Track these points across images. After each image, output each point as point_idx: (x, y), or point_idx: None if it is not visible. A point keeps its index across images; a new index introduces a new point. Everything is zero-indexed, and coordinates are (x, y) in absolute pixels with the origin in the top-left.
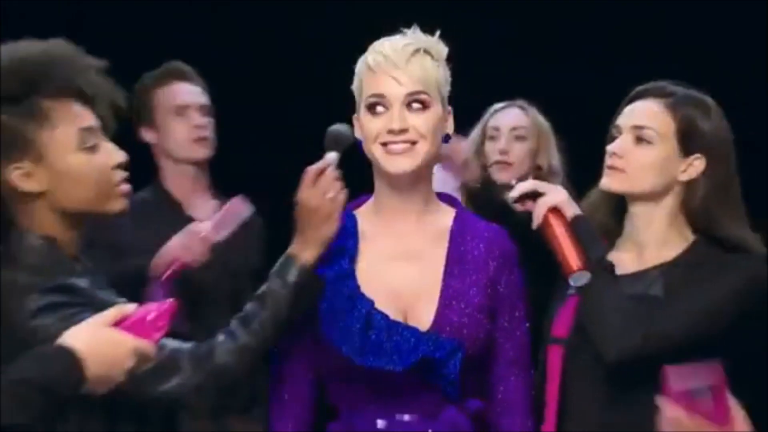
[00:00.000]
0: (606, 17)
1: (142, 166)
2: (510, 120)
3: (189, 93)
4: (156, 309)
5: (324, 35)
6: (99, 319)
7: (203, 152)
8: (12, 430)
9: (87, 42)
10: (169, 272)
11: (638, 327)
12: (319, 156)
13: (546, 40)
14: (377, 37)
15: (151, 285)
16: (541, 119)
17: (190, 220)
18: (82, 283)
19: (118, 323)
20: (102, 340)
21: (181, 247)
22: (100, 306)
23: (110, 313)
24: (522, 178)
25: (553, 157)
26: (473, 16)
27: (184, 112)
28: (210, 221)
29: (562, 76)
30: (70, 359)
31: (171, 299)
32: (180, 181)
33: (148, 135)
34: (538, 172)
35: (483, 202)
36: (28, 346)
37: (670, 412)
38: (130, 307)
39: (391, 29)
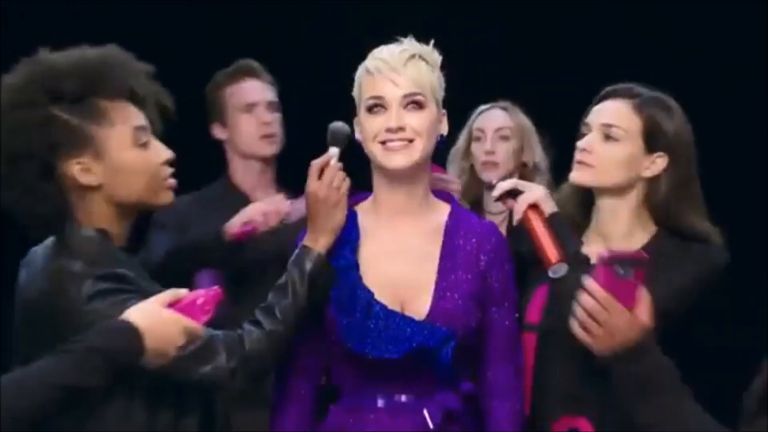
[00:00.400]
0: (590, 24)
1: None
2: (494, 121)
3: (257, 90)
4: (204, 295)
5: (325, 40)
6: (156, 300)
7: (270, 149)
8: (79, 392)
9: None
10: (241, 231)
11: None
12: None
13: (534, 45)
14: (376, 43)
15: (200, 271)
16: (524, 119)
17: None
18: (129, 272)
19: (172, 305)
20: (159, 319)
21: (260, 212)
22: (144, 293)
23: (166, 295)
24: (507, 177)
25: (537, 155)
26: (462, 25)
27: (252, 109)
28: (291, 201)
29: (548, 80)
30: (133, 333)
31: (217, 287)
32: (247, 176)
33: (218, 132)
34: (523, 170)
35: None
36: (82, 328)
37: (591, 284)
38: (182, 292)
39: (389, 34)
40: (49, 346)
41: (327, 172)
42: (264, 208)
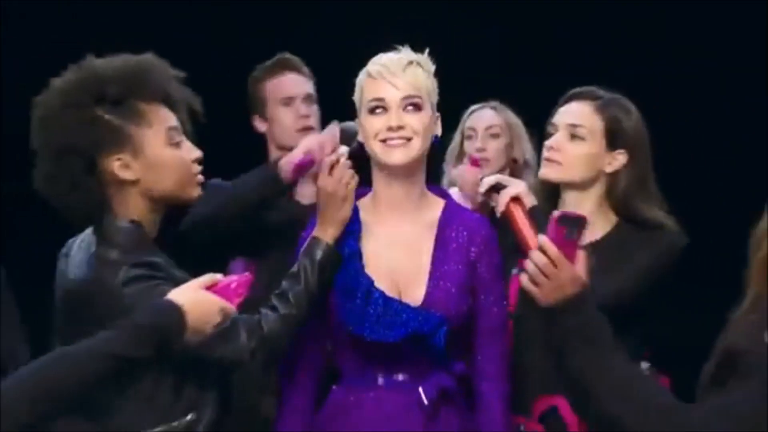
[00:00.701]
0: (584, 27)
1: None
2: (484, 120)
3: (296, 84)
4: (237, 279)
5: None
6: (196, 284)
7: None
8: (128, 363)
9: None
10: (301, 162)
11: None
12: None
13: (529, 47)
14: (376, 44)
15: (232, 261)
16: (513, 117)
17: (294, 203)
18: (160, 260)
19: (209, 288)
20: (199, 299)
21: (317, 142)
22: (174, 279)
23: (204, 279)
24: (498, 173)
25: (527, 151)
26: (459, 27)
27: (290, 102)
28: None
29: (542, 80)
30: (177, 311)
31: (248, 273)
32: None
33: (259, 124)
34: (513, 166)
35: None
36: (118, 311)
37: (545, 241)
38: (217, 276)
39: (389, 36)
40: (88, 327)
41: (336, 169)
42: (320, 138)
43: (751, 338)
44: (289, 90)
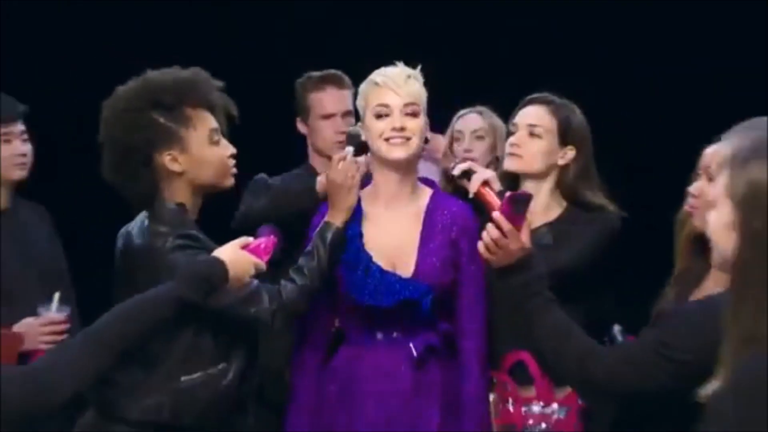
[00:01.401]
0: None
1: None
2: (470, 124)
3: (336, 102)
4: (265, 241)
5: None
6: (234, 244)
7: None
8: (186, 305)
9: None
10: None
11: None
12: None
13: (502, 60)
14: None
15: (261, 228)
16: (497, 120)
17: None
18: (199, 234)
19: (244, 247)
20: (237, 256)
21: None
22: (209, 249)
23: (240, 240)
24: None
25: None
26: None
27: (330, 117)
28: None
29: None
30: (221, 265)
31: (273, 236)
32: (323, 168)
33: (301, 127)
34: (497, 163)
35: (456, 185)
36: (165, 270)
37: (499, 217)
38: (249, 239)
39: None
40: (142, 286)
41: (344, 165)
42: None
43: (674, 304)
44: (330, 107)
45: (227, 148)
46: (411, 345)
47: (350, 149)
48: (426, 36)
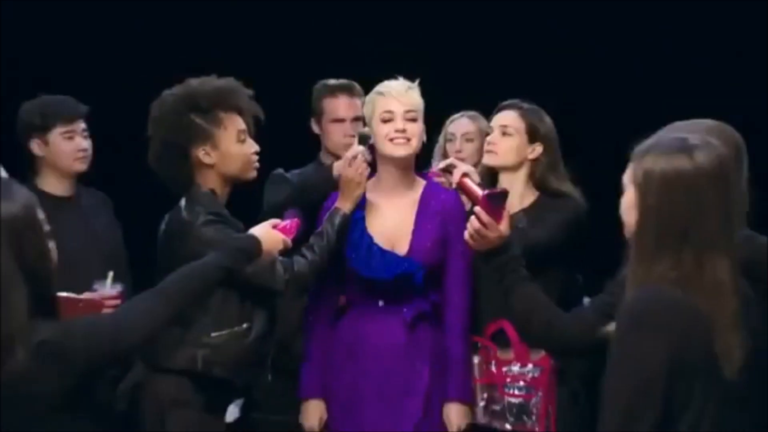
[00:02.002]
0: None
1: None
2: (461, 127)
3: (347, 108)
4: (290, 222)
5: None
6: (266, 224)
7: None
8: (230, 272)
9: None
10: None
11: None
12: None
13: (490, 68)
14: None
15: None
16: (485, 123)
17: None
18: (226, 214)
19: (274, 227)
20: (269, 234)
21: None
22: (235, 226)
23: (270, 222)
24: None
25: None
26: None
27: (341, 122)
28: None
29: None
30: (256, 240)
31: (297, 218)
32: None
33: (315, 127)
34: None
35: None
36: (198, 244)
37: (479, 211)
38: (277, 220)
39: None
40: (178, 255)
41: (354, 162)
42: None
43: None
44: (341, 113)
45: (252, 146)
46: (405, 311)
47: (361, 148)
48: (424, 49)
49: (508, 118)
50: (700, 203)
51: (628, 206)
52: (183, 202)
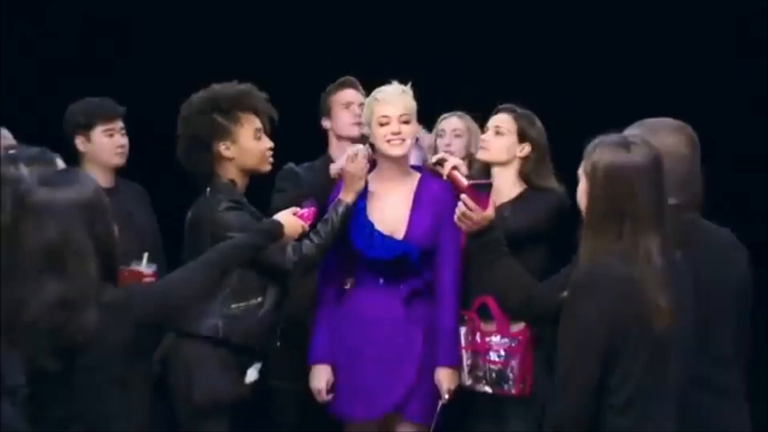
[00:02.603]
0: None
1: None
2: (451, 125)
3: (353, 95)
4: (308, 210)
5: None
6: (287, 211)
7: (358, 131)
8: (257, 249)
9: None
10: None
11: (502, 230)
12: None
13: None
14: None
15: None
16: (472, 122)
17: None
18: (244, 201)
19: (294, 214)
20: (290, 220)
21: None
22: (253, 213)
23: (291, 209)
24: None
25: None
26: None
27: (348, 106)
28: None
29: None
30: (279, 225)
31: (314, 207)
32: (342, 152)
33: (325, 123)
34: (471, 156)
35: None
36: (219, 227)
37: (465, 199)
38: (297, 209)
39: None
40: (202, 238)
41: (356, 158)
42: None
43: None
44: (350, 98)
45: (267, 143)
46: (402, 288)
47: (361, 147)
48: (418, 54)
49: (501, 119)
50: (635, 191)
51: (582, 193)
52: (207, 191)
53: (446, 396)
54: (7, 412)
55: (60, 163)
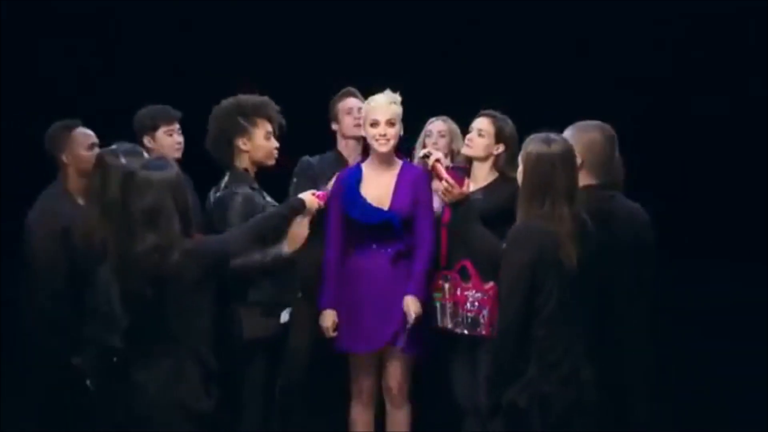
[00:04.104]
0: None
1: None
2: (437, 127)
3: (354, 102)
4: (322, 192)
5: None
6: (308, 192)
7: (359, 131)
8: (286, 220)
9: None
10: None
11: (477, 213)
12: None
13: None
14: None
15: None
16: (454, 125)
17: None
18: (258, 188)
19: (312, 194)
20: (309, 198)
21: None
22: (262, 195)
23: (310, 191)
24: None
25: (461, 146)
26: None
27: (351, 111)
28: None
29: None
30: (302, 201)
31: (326, 191)
32: (347, 149)
33: (333, 125)
34: (453, 153)
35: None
36: (231, 207)
37: (447, 178)
38: (314, 190)
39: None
40: (227, 217)
41: (302, 223)
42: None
43: None
44: (351, 105)
45: (274, 143)
46: (389, 250)
47: (301, 218)
48: (409, 66)
49: (483, 122)
50: (554, 174)
51: (519, 174)
52: (226, 177)
53: (411, 320)
54: None
55: (145, 154)
